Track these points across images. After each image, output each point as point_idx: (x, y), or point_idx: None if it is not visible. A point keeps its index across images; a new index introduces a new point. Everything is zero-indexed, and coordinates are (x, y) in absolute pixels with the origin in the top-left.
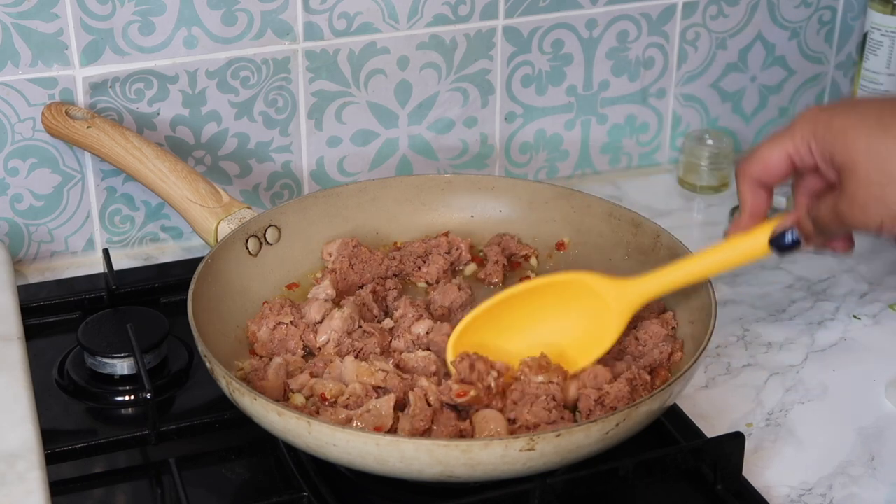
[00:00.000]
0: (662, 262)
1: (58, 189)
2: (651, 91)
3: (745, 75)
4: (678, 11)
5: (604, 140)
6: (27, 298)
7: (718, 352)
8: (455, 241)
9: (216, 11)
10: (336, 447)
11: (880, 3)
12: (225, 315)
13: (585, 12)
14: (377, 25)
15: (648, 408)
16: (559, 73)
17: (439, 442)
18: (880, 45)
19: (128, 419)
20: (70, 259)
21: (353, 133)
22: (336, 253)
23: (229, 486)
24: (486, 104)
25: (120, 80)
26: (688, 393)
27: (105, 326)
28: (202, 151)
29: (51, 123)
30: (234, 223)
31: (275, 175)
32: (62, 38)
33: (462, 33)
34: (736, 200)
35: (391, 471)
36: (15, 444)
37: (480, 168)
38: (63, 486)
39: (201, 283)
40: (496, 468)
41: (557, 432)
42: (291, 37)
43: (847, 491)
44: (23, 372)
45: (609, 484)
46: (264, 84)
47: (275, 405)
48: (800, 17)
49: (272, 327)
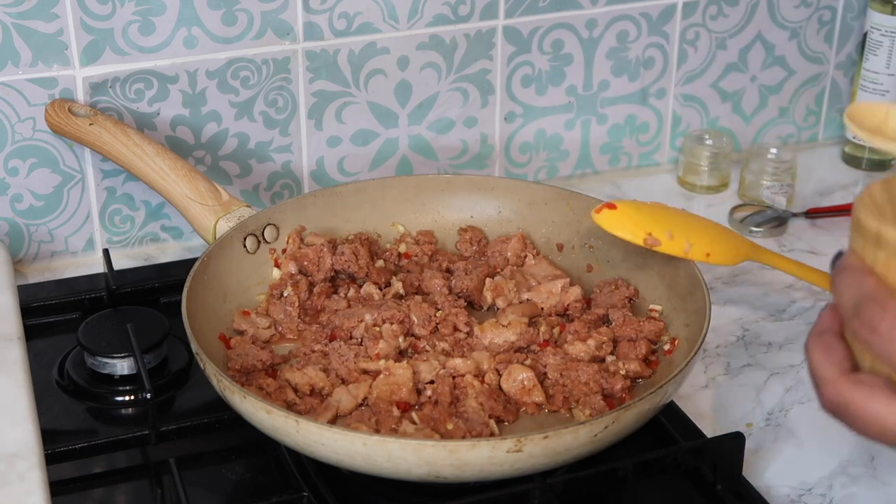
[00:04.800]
0: (661, 262)
1: (58, 189)
2: (651, 91)
3: (745, 75)
4: (678, 11)
5: (604, 140)
6: (27, 298)
7: (718, 352)
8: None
9: (216, 11)
10: (324, 446)
11: (880, 3)
12: (221, 313)
13: (585, 12)
14: (377, 25)
15: (638, 410)
16: (559, 73)
17: (426, 442)
18: (880, 45)
19: (128, 419)
20: (70, 259)
21: (353, 133)
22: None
23: (229, 486)
24: (486, 104)
25: (120, 80)
26: (688, 393)
27: (105, 326)
28: (202, 151)
29: (54, 120)
30: (233, 221)
31: (275, 175)
32: (62, 38)
33: (462, 33)
34: (736, 200)
35: (380, 470)
36: (15, 444)
37: (480, 168)
38: (63, 486)
39: (197, 281)
40: (483, 469)
41: (545, 434)
42: (291, 37)
43: (847, 491)
44: (23, 372)
45: (609, 484)
46: (264, 84)
47: (264, 404)
48: (800, 17)
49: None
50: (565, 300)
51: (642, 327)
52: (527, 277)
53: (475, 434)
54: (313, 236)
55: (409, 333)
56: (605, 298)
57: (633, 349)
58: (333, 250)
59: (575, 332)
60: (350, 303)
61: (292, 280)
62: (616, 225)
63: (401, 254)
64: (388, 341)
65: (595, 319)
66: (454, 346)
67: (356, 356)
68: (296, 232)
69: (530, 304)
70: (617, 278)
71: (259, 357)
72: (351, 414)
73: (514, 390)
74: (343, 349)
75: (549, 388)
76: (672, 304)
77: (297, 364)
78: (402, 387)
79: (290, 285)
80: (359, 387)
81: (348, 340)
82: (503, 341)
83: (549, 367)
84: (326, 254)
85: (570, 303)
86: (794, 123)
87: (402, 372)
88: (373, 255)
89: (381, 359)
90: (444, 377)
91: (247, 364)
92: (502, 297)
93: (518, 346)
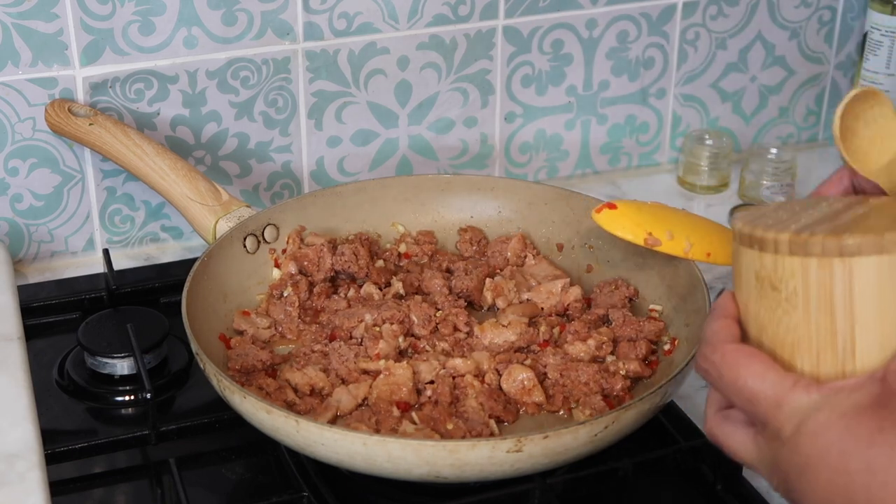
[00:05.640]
0: (661, 262)
1: (58, 189)
2: (651, 91)
3: (744, 75)
4: (678, 11)
5: (604, 140)
6: (27, 298)
7: None
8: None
9: (216, 11)
10: (324, 446)
11: (880, 3)
12: (221, 313)
13: (585, 12)
14: (377, 25)
15: (638, 410)
16: (559, 73)
17: (426, 442)
18: (880, 45)
19: (128, 419)
20: (70, 259)
21: (353, 133)
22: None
23: (229, 486)
24: (486, 104)
25: (120, 80)
26: (688, 393)
27: (105, 326)
28: (202, 151)
29: (54, 120)
30: (233, 221)
31: (275, 175)
32: (62, 38)
33: (462, 33)
34: (736, 200)
35: (380, 470)
36: (15, 444)
37: (480, 168)
38: (63, 486)
39: (197, 281)
40: (483, 469)
41: (545, 434)
42: (291, 37)
43: None
44: (23, 372)
45: (609, 484)
46: (264, 84)
47: (264, 404)
48: (800, 17)
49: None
50: (565, 300)
51: (642, 327)
52: (527, 277)
53: (475, 434)
54: (313, 236)
55: (409, 333)
56: (605, 298)
57: (633, 349)
58: (333, 250)
59: (575, 332)
60: (350, 303)
61: (292, 280)
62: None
63: (401, 254)
64: (388, 341)
65: (595, 319)
66: (454, 346)
67: (356, 356)
68: (296, 232)
69: (530, 304)
70: (617, 278)
71: (259, 357)
72: (351, 414)
73: (514, 390)
74: (343, 349)
75: (549, 388)
76: (672, 303)
77: (297, 364)
78: (402, 387)
79: (290, 285)
80: (359, 387)
81: (348, 340)
82: (503, 341)
83: (549, 367)
84: (326, 254)
85: (570, 303)
86: (794, 123)
87: (402, 372)
88: (373, 255)
89: (381, 359)
90: (444, 377)
91: (247, 364)
92: (502, 297)
93: (518, 346)
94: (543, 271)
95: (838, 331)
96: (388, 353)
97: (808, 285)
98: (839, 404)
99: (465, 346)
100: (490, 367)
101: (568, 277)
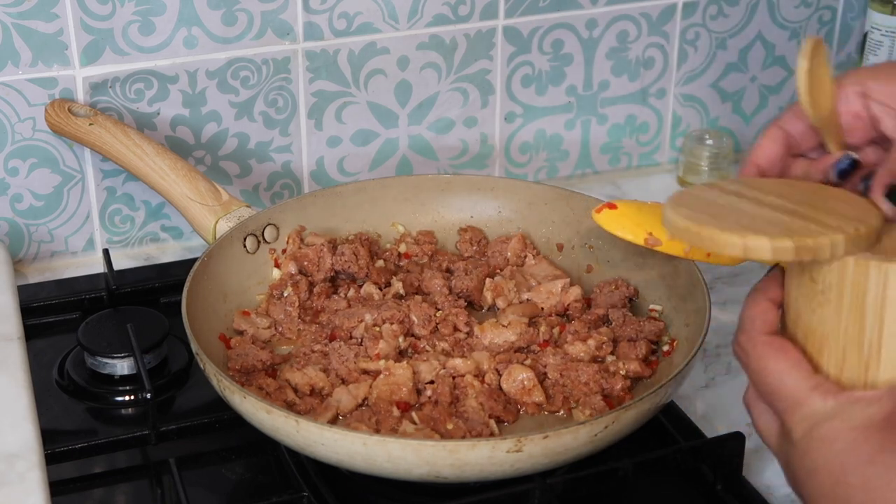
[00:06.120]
0: (661, 262)
1: (58, 189)
2: (651, 91)
3: (745, 75)
4: (678, 11)
5: (604, 140)
6: (27, 298)
7: (718, 352)
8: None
9: (216, 11)
10: (324, 446)
11: (880, 3)
12: (221, 313)
13: (585, 12)
14: (377, 25)
15: (638, 410)
16: (559, 73)
17: (426, 442)
18: (880, 45)
19: (128, 419)
20: (70, 259)
21: (353, 133)
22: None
23: (229, 486)
24: (486, 104)
25: (120, 80)
26: (688, 393)
27: (105, 326)
28: (202, 151)
29: (54, 120)
30: (233, 221)
31: (275, 175)
32: (62, 38)
33: (462, 33)
34: None
35: (380, 470)
36: (15, 444)
37: (480, 168)
38: (63, 486)
39: (197, 281)
40: (483, 469)
41: (545, 434)
42: (291, 37)
43: None
44: (23, 372)
45: (609, 484)
46: (264, 84)
47: (264, 404)
48: (800, 17)
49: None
50: (565, 300)
51: (642, 327)
52: (527, 277)
53: (475, 434)
54: (313, 236)
55: (409, 333)
56: (605, 298)
57: (633, 349)
58: (333, 250)
59: (575, 332)
60: (350, 303)
61: (292, 280)
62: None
63: (401, 254)
64: (388, 341)
65: (595, 319)
66: (454, 346)
67: (356, 356)
68: (296, 232)
69: (530, 304)
70: (617, 278)
71: (259, 357)
72: (351, 414)
73: (514, 390)
74: (343, 349)
75: (549, 388)
76: (672, 304)
77: (297, 364)
78: (402, 387)
79: (290, 285)
80: (359, 387)
81: (348, 340)
82: (503, 341)
83: (549, 368)
84: (326, 254)
85: (570, 303)
86: None
87: (402, 372)
88: (373, 255)
89: (381, 359)
90: (444, 377)
91: (247, 364)
92: (502, 297)
93: (518, 346)
94: (543, 271)
95: (866, 333)
96: (388, 353)
97: (843, 282)
98: (852, 416)
99: (465, 346)
100: (490, 367)
101: (568, 277)
